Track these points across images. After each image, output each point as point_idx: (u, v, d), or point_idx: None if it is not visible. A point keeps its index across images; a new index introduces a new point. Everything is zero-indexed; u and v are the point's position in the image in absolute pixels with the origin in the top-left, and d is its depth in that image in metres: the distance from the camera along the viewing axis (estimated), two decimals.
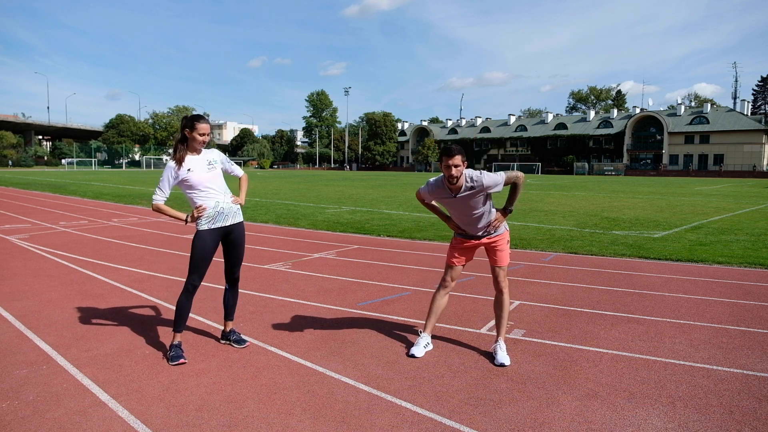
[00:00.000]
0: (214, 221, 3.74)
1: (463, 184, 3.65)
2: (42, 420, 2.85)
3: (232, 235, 3.88)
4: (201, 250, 3.71)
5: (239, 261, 4.01)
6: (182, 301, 3.76)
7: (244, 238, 3.98)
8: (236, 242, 3.92)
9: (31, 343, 4.02)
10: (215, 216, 3.74)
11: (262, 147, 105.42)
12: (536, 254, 8.09)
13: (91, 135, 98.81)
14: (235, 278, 4.06)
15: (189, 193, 3.73)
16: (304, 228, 11.27)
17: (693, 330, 4.46)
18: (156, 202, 3.68)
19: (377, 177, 51.86)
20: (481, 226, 3.85)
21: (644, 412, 2.98)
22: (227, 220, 3.80)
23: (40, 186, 28.02)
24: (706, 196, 23.11)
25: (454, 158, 3.54)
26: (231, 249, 3.93)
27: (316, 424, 2.83)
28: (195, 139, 3.68)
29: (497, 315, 3.95)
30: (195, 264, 3.72)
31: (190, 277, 3.75)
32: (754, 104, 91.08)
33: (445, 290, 4.02)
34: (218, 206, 3.75)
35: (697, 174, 68.50)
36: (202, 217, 3.70)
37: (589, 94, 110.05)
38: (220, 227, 3.78)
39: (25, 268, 6.85)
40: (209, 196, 3.73)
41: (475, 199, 3.71)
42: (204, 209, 3.70)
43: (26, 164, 79.05)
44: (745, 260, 7.49)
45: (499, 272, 3.90)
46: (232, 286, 4.07)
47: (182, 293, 3.77)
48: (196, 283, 3.76)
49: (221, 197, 3.78)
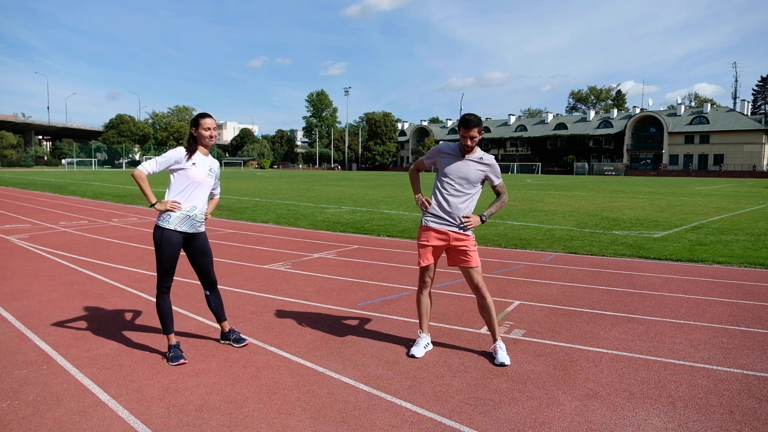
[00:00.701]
0: (181, 224, 3.70)
1: (476, 152, 3.80)
2: (42, 420, 2.85)
3: (196, 242, 3.84)
4: (169, 252, 3.68)
5: (211, 265, 3.97)
6: (161, 304, 3.74)
7: (208, 243, 3.95)
8: (202, 250, 3.89)
9: (31, 343, 4.03)
10: (184, 219, 3.70)
11: (262, 147, 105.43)
12: (536, 254, 8.09)
13: (91, 135, 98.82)
14: (213, 281, 4.02)
15: (177, 184, 3.69)
16: (304, 228, 11.27)
17: (693, 330, 4.46)
18: (141, 170, 3.58)
19: (377, 177, 51.85)
20: (459, 205, 3.75)
21: (644, 412, 2.98)
22: (194, 228, 3.78)
23: (40, 186, 28.02)
24: (706, 196, 23.11)
25: (471, 130, 3.68)
26: (199, 257, 3.89)
27: (316, 424, 2.83)
28: (202, 135, 3.71)
29: (486, 319, 3.88)
30: (165, 267, 3.70)
31: (163, 279, 3.72)
32: (754, 104, 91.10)
33: (426, 290, 3.97)
34: (193, 210, 3.74)
35: (697, 174, 68.51)
36: (172, 213, 3.65)
37: (589, 94, 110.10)
38: (185, 232, 3.74)
39: (25, 268, 6.85)
40: (192, 197, 3.72)
41: (475, 170, 3.75)
42: (179, 206, 3.66)
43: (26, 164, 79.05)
44: (745, 260, 7.49)
45: (473, 274, 3.79)
46: (213, 289, 4.03)
47: (158, 297, 3.75)
48: (169, 284, 3.76)
49: (200, 204, 3.78)
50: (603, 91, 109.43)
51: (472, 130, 3.67)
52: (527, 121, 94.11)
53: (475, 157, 3.79)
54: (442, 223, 3.80)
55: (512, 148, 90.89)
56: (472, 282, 3.82)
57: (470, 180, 3.77)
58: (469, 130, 3.66)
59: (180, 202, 3.67)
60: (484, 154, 3.83)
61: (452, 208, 3.77)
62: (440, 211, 3.81)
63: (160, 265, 3.70)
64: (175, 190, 3.70)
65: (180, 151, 3.68)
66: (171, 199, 3.67)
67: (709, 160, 71.93)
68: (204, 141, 3.74)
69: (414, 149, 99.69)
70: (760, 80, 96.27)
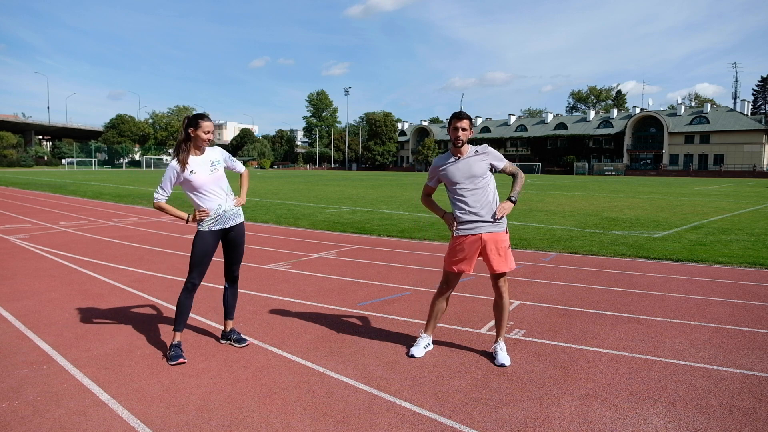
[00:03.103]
0: (215, 223, 3.76)
1: (468, 149, 3.80)
2: (42, 420, 2.85)
3: (232, 234, 3.90)
4: (201, 249, 3.72)
5: (239, 259, 4.03)
6: (182, 300, 3.77)
7: (244, 237, 3.99)
8: (236, 241, 3.94)
9: (31, 343, 4.03)
10: (217, 218, 3.76)
11: (263, 147, 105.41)
12: (536, 254, 8.09)
13: (91, 135, 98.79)
14: (235, 276, 4.08)
15: (191, 194, 3.74)
16: (305, 228, 11.27)
17: (693, 330, 4.46)
18: (157, 200, 3.70)
19: (377, 177, 51.86)
20: (483, 202, 3.70)
21: (644, 412, 2.98)
22: (228, 222, 3.82)
23: (40, 186, 28.02)
24: (706, 196, 23.11)
25: (462, 121, 3.72)
26: (231, 248, 3.95)
27: (316, 424, 2.83)
28: (199, 138, 3.70)
29: (497, 317, 3.91)
30: (195, 262, 3.74)
31: (191, 275, 3.76)
32: (754, 104, 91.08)
33: (444, 296, 3.95)
34: (220, 209, 3.77)
35: (697, 174, 68.49)
36: (203, 219, 3.72)
37: (589, 94, 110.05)
38: (221, 228, 3.80)
39: (26, 268, 6.85)
40: (211, 198, 3.74)
41: (477, 164, 3.73)
42: (206, 213, 3.71)
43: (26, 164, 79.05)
44: (746, 260, 7.49)
45: (500, 277, 3.80)
46: (232, 284, 4.08)
47: (182, 292, 3.78)
48: (195, 281, 3.77)
49: (223, 200, 3.79)
50: (603, 91, 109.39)
51: (462, 121, 3.71)
52: (527, 121, 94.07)
53: (469, 154, 3.79)
54: (474, 227, 3.73)
55: (512, 148, 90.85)
56: (496, 282, 3.82)
57: (476, 174, 3.74)
58: (461, 121, 3.71)
59: (204, 208, 3.72)
60: (477, 147, 3.84)
61: (476, 206, 3.72)
62: (467, 216, 3.74)
63: (191, 259, 3.76)
64: (192, 200, 3.76)
65: (172, 168, 3.67)
66: (196, 209, 3.75)
67: (710, 160, 71.89)
68: (200, 143, 3.72)
69: (414, 149, 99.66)
70: (761, 80, 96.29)
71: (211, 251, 3.78)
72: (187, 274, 3.79)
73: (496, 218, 3.71)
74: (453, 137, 3.76)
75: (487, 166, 3.78)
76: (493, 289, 3.88)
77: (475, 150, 3.81)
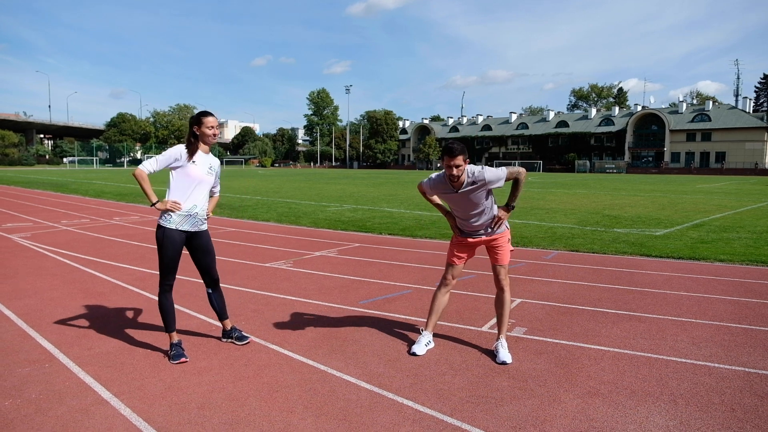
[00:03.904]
0: (183, 223, 3.70)
1: (465, 180, 3.67)
2: (44, 418, 2.85)
3: (198, 241, 3.84)
4: (171, 250, 3.68)
5: (213, 262, 3.98)
6: (163, 303, 3.75)
7: (211, 241, 3.95)
8: (205, 248, 3.89)
9: (33, 342, 4.03)
10: (186, 218, 3.71)
11: (264, 145, 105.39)
12: (538, 252, 8.09)
13: (93, 134, 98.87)
14: (215, 279, 4.02)
15: (176, 183, 3.68)
16: (306, 226, 11.27)
17: (695, 328, 4.46)
18: (142, 169, 3.57)
19: (378, 175, 51.84)
20: (482, 222, 3.85)
21: (646, 410, 2.98)
22: (196, 226, 3.79)
23: (41, 185, 28.06)
24: (707, 194, 23.07)
25: (455, 159, 3.55)
26: (201, 255, 3.89)
27: (318, 422, 2.83)
28: (205, 134, 3.71)
29: (498, 313, 3.95)
30: (167, 265, 3.70)
31: (166, 278, 3.73)
32: (756, 102, 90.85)
33: (446, 288, 4.02)
34: (194, 209, 3.73)
35: (699, 172, 68.34)
36: (173, 214, 3.65)
37: (590, 92, 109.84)
38: (187, 231, 3.75)
39: (27, 266, 6.86)
40: (192, 196, 3.71)
41: (476, 194, 3.71)
42: (179, 207, 3.66)
43: (28, 163, 79.18)
44: (747, 258, 7.48)
45: (500, 270, 3.90)
46: (215, 287, 4.03)
47: (161, 295, 3.75)
48: (171, 282, 3.77)
49: (200, 203, 3.78)
50: (605, 88, 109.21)
51: (456, 158, 3.53)
52: (529, 119, 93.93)
53: (467, 185, 3.68)
54: (474, 235, 3.92)
55: (513, 146, 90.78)
56: (497, 276, 3.92)
57: (476, 204, 3.76)
58: (453, 158, 3.53)
59: (180, 202, 3.67)
60: (474, 172, 3.65)
61: (475, 225, 3.86)
62: (469, 229, 3.91)
63: (163, 264, 3.71)
64: (174, 189, 3.69)
65: (180, 149, 3.67)
66: (171, 198, 3.66)
67: (711, 157, 71.75)
68: (206, 139, 3.74)
69: (415, 147, 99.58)
70: (763, 77, 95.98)
71: (179, 252, 3.74)
72: (161, 277, 3.73)
73: (492, 228, 3.87)
74: (447, 174, 3.64)
75: (485, 194, 3.75)
76: (495, 284, 3.96)
77: (472, 181, 3.66)
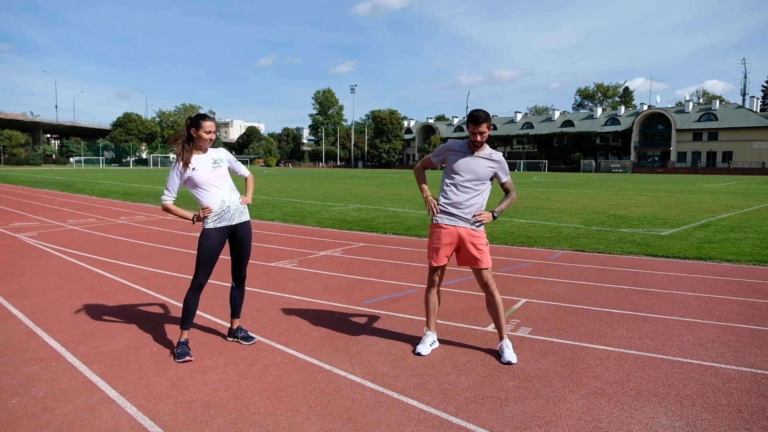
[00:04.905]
0: (220, 220, 3.77)
1: (484, 149, 3.82)
2: (51, 416, 2.87)
3: (239, 233, 3.92)
4: (207, 247, 3.74)
5: (246, 259, 4.05)
6: (189, 299, 3.79)
7: (251, 236, 4.01)
8: (243, 240, 3.96)
9: (40, 340, 4.06)
10: (221, 214, 3.78)
11: (269, 145, 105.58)
12: (543, 252, 8.07)
13: (99, 133, 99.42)
14: (242, 276, 4.09)
15: (194, 191, 3.76)
16: (311, 226, 11.29)
17: (701, 328, 4.43)
18: (165, 202, 3.75)
19: (383, 175, 51.84)
20: (470, 201, 3.76)
21: (652, 411, 2.97)
22: (233, 219, 3.84)
23: (48, 184, 28.22)
24: (714, 194, 22.94)
25: (480, 126, 3.69)
26: (238, 247, 3.97)
27: (323, 422, 2.84)
28: (201, 137, 3.73)
29: (494, 317, 3.89)
30: (201, 261, 3.76)
31: (197, 274, 3.78)
32: (763, 101, 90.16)
33: (435, 288, 3.99)
34: (224, 205, 3.78)
35: (706, 171, 67.96)
36: (208, 217, 3.74)
37: (596, 92, 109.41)
38: (227, 225, 3.81)
39: (34, 265, 6.90)
40: (214, 194, 3.75)
41: (485, 167, 3.78)
42: (209, 210, 3.73)
43: (35, 163, 79.68)
44: (754, 258, 7.44)
45: (485, 274, 3.80)
46: (239, 283, 4.11)
47: (189, 290, 3.80)
48: (202, 280, 3.79)
49: (227, 195, 3.80)
50: (610, 88, 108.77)
51: (481, 126, 3.67)
52: (534, 119, 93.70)
53: (484, 154, 3.81)
54: (453, 219, 3.80)
55: (519, 146, 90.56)
56: (482, 280, 3.83)
57: (480, 177, 3.78)
58: (478, 126, 3.67)
59: (207, 206, 3.74)
60: (493, 151, 3.85)
61: (463, 204, 3.78)
62: (451, 208, 3.80)
63: (198, 259, 3.78)
64: (196, 196, 3.78)
65: (176, 167, 3.71)
66: (201, 206, 3.76)
67: (718, 157, 71.32)
68: (202, 143, 3.77)
69: (420, 147, 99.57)
70: None
71: (217, 250, 3.79)
72: (194, 273, 3.80)
73: (474, 221, 3.80)
74: (472, 139, 3.76)
75: (492, 174, 3.84)
76: (483, 290, 3.89)
77: (490, 153, 3.82)
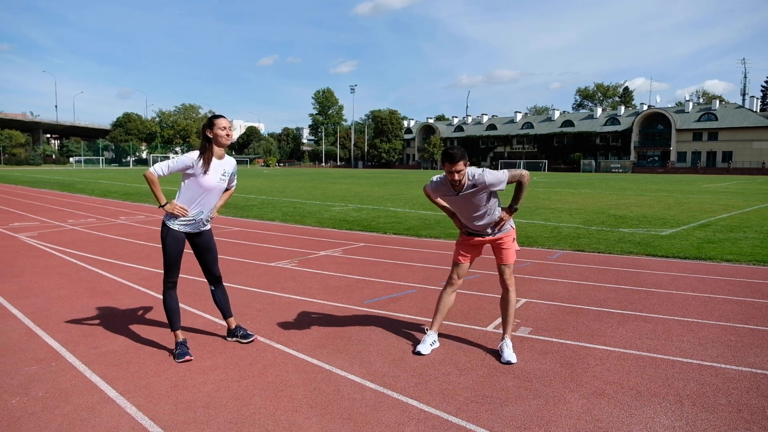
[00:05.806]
0: (187, 225, 3.78)
1: (465, 183, 3.68)
2: (51, 416, 2.87)
3: (200, 239, 3.90)
4: (174, 249, 3.74)
5: (215, 260, 4.02)
6: (168, 301, 3.79)
7: (212, 239, 4.00)
8: (207, 246, 3.94)
9: (40, 340, 4.06)
10: (189, 222, 3.78)
11: (269, 144, 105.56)
12: (543, 252, 8.07)
13: (99, 133, 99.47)
14: (218, 276, 4.05)
15: (186, 190, 3.73)
16: (311, 226, 11.29)
17: (701, 328, 4.43)
18: (153, 172, 3.63)
19: (383, 175, 51.84)
20: (485, 223, 3.85)
21: (652, 411, 2.97)
22: (196, 229, 3.84)
23: (48, 184, 28.22)
24: (714, 194, 22.94)
25: (456, 164, 3.57)
26: (203, 253, 3.95)
27: (323, 421, 2.83)
28: (218, 135, 3.71)
29: (503, 313, 3.95)
30: (171, 263, 3.76)
31: (169, 275, 3.77)
32: (763, 101, 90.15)
33: (452, 288, 4.03)
34: (198, 216, 3.79)
35: (706, 171, 67.92)
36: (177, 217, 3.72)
37: (596, 92, 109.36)
38: (191, 232, 3.83)
39: (34, 265, 6.90)
40: (201, 203, 3.76)
41: (477, 196, 3.72)
42: (185, 213, 3.71)
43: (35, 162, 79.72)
44: (754, 258, 7.44)
45: (504, 270, 3.91)
46: (217, 284, 4.06)
47: (165, 293, 3.79)
48: (175, 279, 3.81)
49: (207, 209, 3.82)
50: (610, 88, 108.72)
51: (457, 164, 3.55)
52: (534, 119, 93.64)
53: (468, 188, 3.69)
54: (479, 235, 3.94)
55: (519, 146, 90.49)
56: (502, 276, 3.94)
57: (478, 205, 3.77)
58: (454, 164, 3.55)
59: (187, 209, 3.72)
60: (474, 174, 3.65)
61: (479, 225, 3.87)
62: (473, 230, 3.93)
63: (166, 261, 3.76)
64: (184, 196, 3.74)
65: (193, 157, 3.68)
66: (179, 202, 3.72)
67: (718, 157, 71.26)
68: (220, 140, 3.74)
69: (420, 147, 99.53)
70: None
71: (182, 250, 3.80)
72: (165, 275, 3.78)
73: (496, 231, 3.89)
74: (449, 178, 3.65)
75: (486, 196, 3.74)
76: (501, 284, 3.97)
77: (472, 184, 3.67)
